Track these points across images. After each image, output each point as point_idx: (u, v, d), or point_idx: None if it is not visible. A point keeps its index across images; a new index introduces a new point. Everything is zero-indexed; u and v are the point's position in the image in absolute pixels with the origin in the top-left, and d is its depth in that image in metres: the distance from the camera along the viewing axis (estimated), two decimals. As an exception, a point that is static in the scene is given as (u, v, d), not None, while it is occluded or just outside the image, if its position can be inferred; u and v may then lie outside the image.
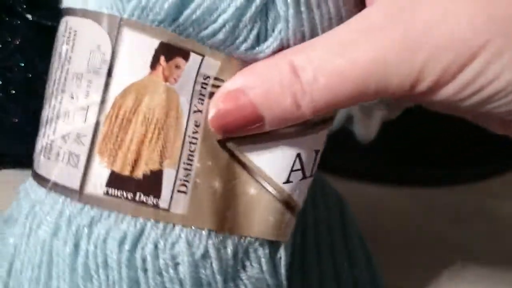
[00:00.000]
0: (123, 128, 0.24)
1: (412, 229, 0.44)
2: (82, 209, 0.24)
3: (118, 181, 0.24)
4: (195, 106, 0.25)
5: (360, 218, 0.38)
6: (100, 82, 0.24)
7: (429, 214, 0.46)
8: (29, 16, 0.41)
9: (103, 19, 0.24)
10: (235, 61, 0.25)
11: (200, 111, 0.25)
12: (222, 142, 0.25)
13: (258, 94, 0.24)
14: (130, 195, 0.24)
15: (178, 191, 0.24)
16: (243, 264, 0.26)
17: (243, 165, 0.26)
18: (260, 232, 0.26)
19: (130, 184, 0.24)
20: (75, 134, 0.24)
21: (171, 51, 0.24)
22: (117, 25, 0.24)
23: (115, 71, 0.24)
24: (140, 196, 0.24)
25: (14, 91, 0.42)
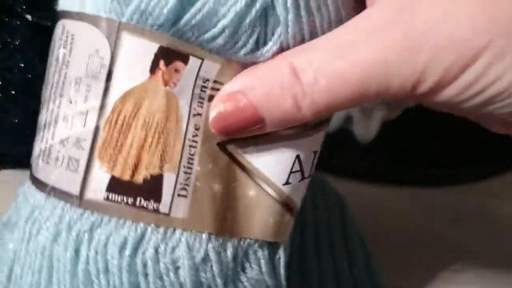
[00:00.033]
0: (123, 133, 0.24)
1: (412, 229, 0.44)
2: (82, 215, 0.24)
3: (119, 186, 0.24)
4: (195, 110, 0.24)
5: (360, 218, 0.38)
6: (99, 87, 0.24)
7: (429, 214, 0.46)
8: (29, 17, 0.40)
9: (102, 23, 0.24)
10: (235, 64, 0.25)
11: (200, 114, 0.25)
12: (222, 145, 0.25)
13: (259, 96, 0.24)
14: (131, 200, 0.24)
15: (179, 195, 0.24)
16: (243, 266, 0.26)
17: (243, 168, 0.26)
18: (260, 234, 0.26)
19: (131, 189, 0.24)
20: (75, 139, 0.24)
21: (171, 55, 0.24)
22: (116, 29, 0.24)
23: (114, 76, 0.24)
24: (141, 201, 0.24)
25: (14, 92, 0.42)
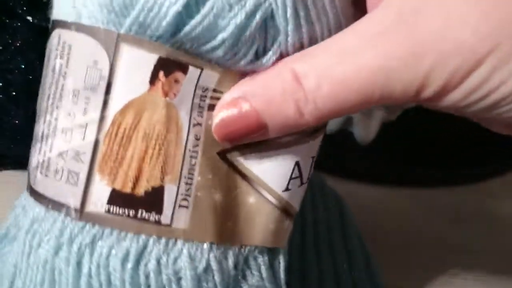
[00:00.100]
0: (123, 146, 0.24)
1: (412, 230, 0.44)
2: (84, 227, 0.24)
3: (120, 199, 0.24)
4: (195, 119, 0.24)
5: (360, 219, 0.38)
6: (99, 99, 0.24)
7: (429, 215, 0.46)
8: (30, 18, 0.40)
9: (100, 35, 0.23)
10: (234, 73, 0.24)
11: (200, 124, 0.24)
12: (222, 154, 0.25)
13: (261, 102, 0.24)
14: (132, 212, 0.24)
15: (180, 206, 0.24)
16: (244, 274, 0.26)
17: (243, 176, 0.25)
18: (260, 240, 0.26)
19: (132, 202, 0.24)
20: (74, 152, 0.24)
21: (170, 66, 0.23)
22: (115, 41, 0.23)
23: (114, 88, 0.23)
24: (142, 213, 0.24)
25: (15, 93, 0.42)
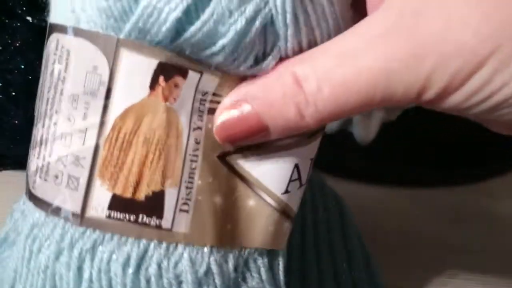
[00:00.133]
0: (124, 151, 0.24)
1: (412, 230, 0.44)
2: (84, 233, 0.24)
3: (120, 204, 0.24)
4: (195, 123, 0.24)
5: (360, 219, 0.38)
6: (98, 104, 0.23)
7: (429, 215, 0.46)
8: (29, 18, 0.40)
9: (99, 40, 0.23)
10: (234, 77, 0.24)
11: (200, 128, 0.24)
12: (222, 157, 0.25)
13: (262, 105, 0.24)
14: (133, 217, 0.24)
15: (181, 210, 0.24)
16: (244, 276, 0.26)
17: (243, 179, 0.25)
18: (260, 243, 0.26)
19: (133, 206, 0.24)
20: (74, 157, 0.24)
21: (170, 71, 0.23)
22: (114, 46, 0.23)
23: (114, 93, 0.23)
24: (143, 218, 0.24)
25: (14, 93, 0.42)
